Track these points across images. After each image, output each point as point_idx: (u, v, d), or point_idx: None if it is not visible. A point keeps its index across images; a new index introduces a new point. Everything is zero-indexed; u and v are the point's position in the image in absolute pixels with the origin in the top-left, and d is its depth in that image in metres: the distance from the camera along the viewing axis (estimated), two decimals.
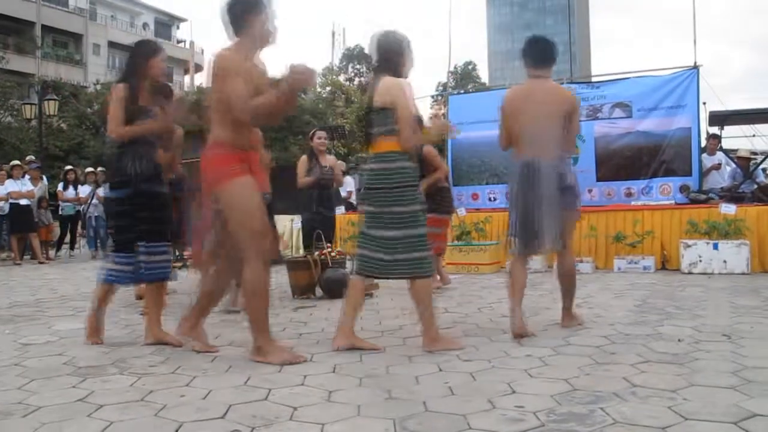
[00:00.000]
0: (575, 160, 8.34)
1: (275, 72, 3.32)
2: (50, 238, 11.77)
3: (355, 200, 11.38)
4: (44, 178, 12.07)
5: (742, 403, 2.36)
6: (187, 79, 41.16)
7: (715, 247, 7.01)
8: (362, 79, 44.43)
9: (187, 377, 2.92)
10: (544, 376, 2.83)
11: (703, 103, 8.96)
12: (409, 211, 3.35)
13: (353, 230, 9.28)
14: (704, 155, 9.14)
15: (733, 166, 9.15)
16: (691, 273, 7.01)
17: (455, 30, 11.24)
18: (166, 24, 43.44)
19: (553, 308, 4.58)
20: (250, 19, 3.20)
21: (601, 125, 9.20)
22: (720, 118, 9.08)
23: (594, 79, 11.16)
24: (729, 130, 10.09)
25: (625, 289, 5.90)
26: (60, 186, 12.00)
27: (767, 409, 2.28)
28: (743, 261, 6.89)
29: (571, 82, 9.94)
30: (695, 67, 8.83)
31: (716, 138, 9.38)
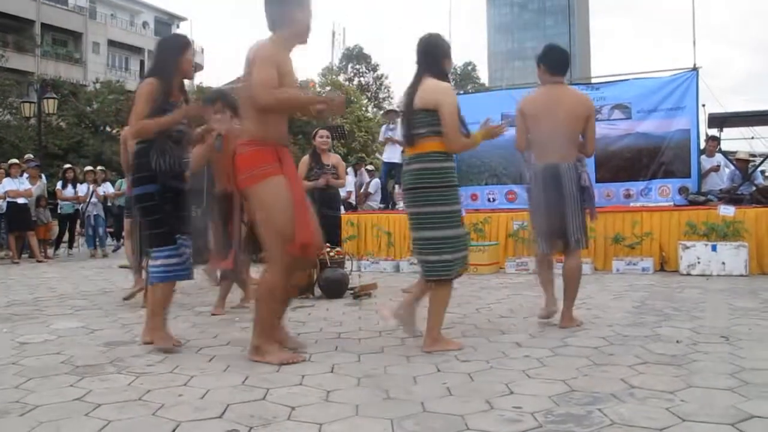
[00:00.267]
0: None
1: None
2: (49, 236, 11.75)
3: (354, 200, 11.39)
4: (43, 176, 12.05)
5: (740, 405, 2.36)
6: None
7: (714, 248, 7.02)
8: (362, 79, 44.45)
9: (185, 377, 2.92)
10: (542, 377, 2.83)
11: (703, 105, 8.95)
12: (451, 211, 3.39)
13: (352, 230, 9.29)
14: (703, 157, 9.15)
15: (732, 168, 9.16)
16: (689, 274, 7.01)
17: (455, 30, 11.25)
18: (165, 23, 43.40)
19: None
20: (289, 14, 3.20)
21: (601, 126, 9.14)
22: (719, 120, 9.08)
23: (593, 81, 11.17)
24: (728, 132, 10.10)
25: (623, 290, 5.91)
26: (59, 184, 11.99)
27: (765, 411, 2.28)
28: (741, 263, 6.90)
29: (571, 83, 9.92)
30: (695, 69, 8.83)
31: (715, 140, 9.39)
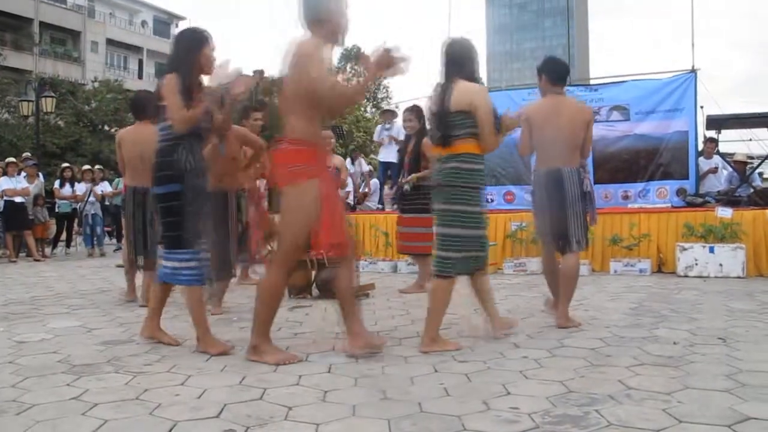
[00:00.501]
0: None
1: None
2: (46, 235, 11.73)
3: (353, 201, 11.36)
4: (40, 175, 12.02)
5: (737, 406, 2.36)
6: None
7: (711, 250, 7.03)
8: (360, 80, 44.40)
9: (182, 376, 2.92)
10: (539, 378, 2.83)
11: (701, 107, 8.98)
12: (472, 212, 3.51)
13: (351, 231, 9.25)
14: (701, 159, 9.16)
15: (730, 169, 9.16)
16: (686, 276, 7.02)
17: (454, 31, 11.26)
18: (164, 22, 43.37)
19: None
20: (326, 14, 3.19)
21: (599, 128, 9.13)
22: (717, 122, 9.09)
23: (592, 82, 11.18)
24: (726, 134, 10.10)
25: (620, 291, 5.91)
26: (56, 183, 11.97)
27: (761, 413, 2.29)
28: (739, 265, 6.91)
29: (570, 85, 9.93)
30: (693, 71, 8.84)
31: (713, 142, 9.40)
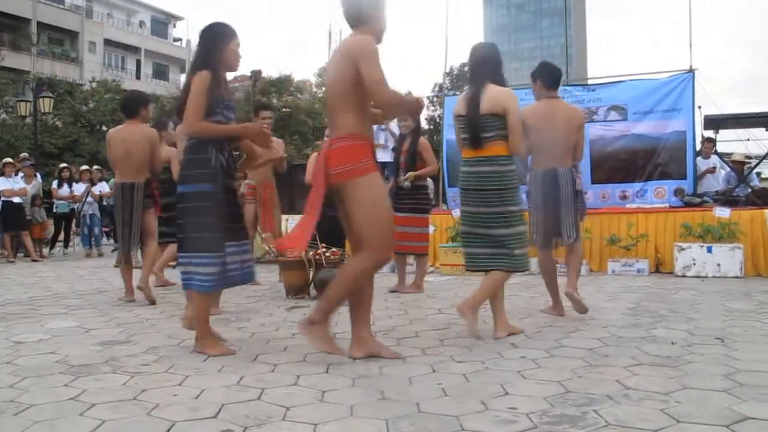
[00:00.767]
0: None
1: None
2: (44, 236, 11.72)
3: None
4: (38, 175, 12.02)
5: (735, 406, 2.37)
6: (183, 78, 41.09)
7: (709, 250, 7.03)
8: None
9: (180, 376, 2.91)
10: (537, 378, 2.83)
11: (699, 107, 8.99)
12: (518, 210, 3.74)
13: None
14: (699, 159, 9.17)
15: (728, 169, 9.18)
16: (684, 276, 7.03)
17: (452, 31, 11.24)
18: (162, 22, 43.36)
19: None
20: (374, 13, 3.19)
21: (597, 128, 9.21)
22: (715, 122, 9.10)
23: (590, 82, 11.17)
24: (724, 134, 10.16)
25: (618, 291, 5.91)
26: (54, 184, 11.96)
27: (759, 413, 2.29)
28: (737, 264, 6.92)
29: (567, 85, 9.95)
30: (691, 71, 8.85)
31: (711, 141, 9.41)
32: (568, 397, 2.53)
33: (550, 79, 4.51)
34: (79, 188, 11.78)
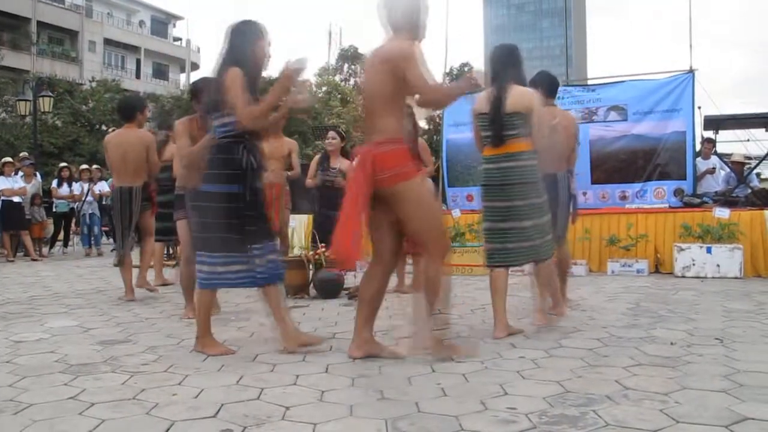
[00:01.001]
0: None
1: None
2: (43, 235, 11.71)
3: None
4: (38, 174, 12.00)
5: (734, 407, 2.37)
6: (183, 77, 41.08)
7: (709, 251, 7.03)
8: (357, 80, 44.42)
9: (180, 376, 2.91)
10: (537, 378, 2.83)
11: (698, 107, 8.98)
12: (543, 202, 3.89)
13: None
14: (699, 159, 9.17)
15: (728, 170, 9.18)
16: (684, 277, 7.03)
17: (451, 31, 11.23)
18: (162, 22, 43.35)
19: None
20: (415, 17, 3.20)
21: (597, 128, 9.21)
22: (715, 123, 9.11)
23: (590, 82, 11.18)
24: (724, 135, 10.13)
25: (618, 292, 5.92)
26: (54, 183, 11.96)
27: (759, 413, 2.29)
28: (736, 265, 6.92)
29: (567, 85, 9.95)
30: (691, 71, 8.85)
31: (711, 142, 9.41)
32: (568, 397, 2.54)
33: (551, 88, 4.71)
34: (79, 188, 11.76)
